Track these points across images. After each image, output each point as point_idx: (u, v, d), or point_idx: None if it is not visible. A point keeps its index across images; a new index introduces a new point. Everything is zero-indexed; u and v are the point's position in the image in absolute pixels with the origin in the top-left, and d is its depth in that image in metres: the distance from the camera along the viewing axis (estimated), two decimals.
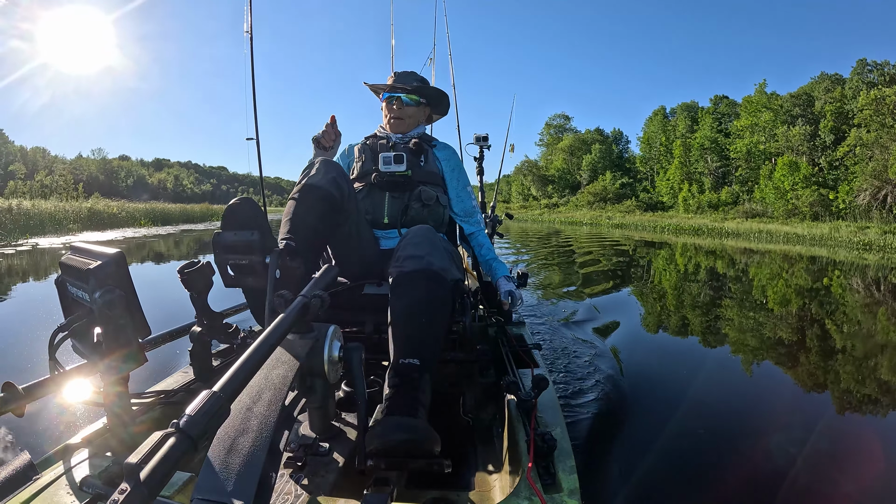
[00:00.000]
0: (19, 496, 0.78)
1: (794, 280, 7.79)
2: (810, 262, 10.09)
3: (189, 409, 0.51)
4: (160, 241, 12.92)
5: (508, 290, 1.67)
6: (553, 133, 50.30)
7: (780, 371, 3.30)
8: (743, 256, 11.44)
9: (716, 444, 2.07)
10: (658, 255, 11.67)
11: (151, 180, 56.05)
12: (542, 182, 47.56)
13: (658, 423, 2.27)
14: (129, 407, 0.99)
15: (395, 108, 1.82)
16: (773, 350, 3.71)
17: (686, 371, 3.21)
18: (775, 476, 1.80)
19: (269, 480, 0.62)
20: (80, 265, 0.86)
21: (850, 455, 2.03)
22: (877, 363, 3.44)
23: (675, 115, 36.47)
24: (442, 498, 0.95)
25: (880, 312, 5.30)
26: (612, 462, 1.85)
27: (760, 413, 2.49)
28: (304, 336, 0.84)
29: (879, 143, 18.67)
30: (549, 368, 2.84)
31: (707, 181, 30.37)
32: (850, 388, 2.88)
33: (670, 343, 3.92)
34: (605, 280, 6.97)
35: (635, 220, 25.98)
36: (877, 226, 15.49)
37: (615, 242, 14.76)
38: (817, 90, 25.71)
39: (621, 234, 19.57)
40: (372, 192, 1.72)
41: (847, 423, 2.43)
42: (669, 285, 6.87)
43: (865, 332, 4.41)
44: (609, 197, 37.38)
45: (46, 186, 32.19)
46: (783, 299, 5.96)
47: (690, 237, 17.71)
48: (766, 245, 14.16)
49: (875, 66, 23.43)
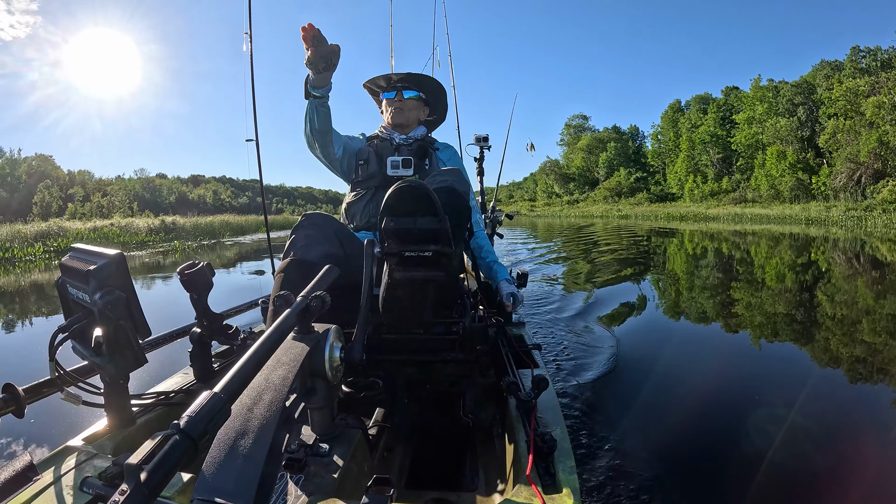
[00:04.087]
0: (19, 497, 0.78)
1: (760, 254, 9.24)
2: (775, 240, 11.33)
3: (189, 410, 0.51)
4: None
5: (510, 292, 1.68)
6: (573, 133, 52.91)
7: (771, 349, 3.49)
8: (710, 237, 12.66)
9: (716, 441, 2.07)
10: (642, 239, 12.78)
11: (192, 196, 57.50)
12: (563, 180, 50.31)
13: (659, 421, 2.27)
14: (129, 408, 0.99)
15: (396, 99, 1.84)
16: (763, 327, 3.91)
17: (686, 361, 3.25)
18: (782, 478, 1.79)
19: (269, 481, 0.62)
20: (81, 266, 0.86)
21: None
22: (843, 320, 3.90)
23: (690, 108, 37.39)
24: (442, 498, 0.95)
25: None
26: (612, 462, 1.85)
27: (764, 409, 2.49)
28: (304, 337, 0.84)
29: (854, 130, 20.29)
30: (553, 363, 2.85)
31: (710, 172, 31.90)
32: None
33: (666, 332, 3.92)
34: (603, 265, 7.49)
35: (638, 211, 28.03)
36: (843, 205, 17.53)
37: (614, 230, 16.34)
38: (818, 77, 26.24)
39: (624, 223, 21.50)
40: (377, 195, 1.73)
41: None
42: (656, 265, 7.72)
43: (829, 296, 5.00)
44: (623, 191, 39.29)
45: (103, 207, 35.84)
46: (748, 270, 6.90)
47: (679, 223, 19.55)
48: (746, 226, 15.71)
49: (868, 52, 23.80)
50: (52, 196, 35.84)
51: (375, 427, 1.15)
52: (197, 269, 1.20)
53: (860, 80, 21.38)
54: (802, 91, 26.18)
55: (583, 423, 2.17)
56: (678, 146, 35.64)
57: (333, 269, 0.93)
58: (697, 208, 25.04)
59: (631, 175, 40.79)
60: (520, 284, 2.10)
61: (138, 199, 42.87)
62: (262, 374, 0.73)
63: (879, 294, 5.08)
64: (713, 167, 31.64)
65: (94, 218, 25.88)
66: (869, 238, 10.24)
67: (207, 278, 1.23)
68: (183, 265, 1.21)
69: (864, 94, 20.19)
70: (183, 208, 44.41)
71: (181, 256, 12.59)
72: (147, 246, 16.22)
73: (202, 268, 1.21)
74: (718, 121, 32.04)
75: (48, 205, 34.65)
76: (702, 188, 31.05)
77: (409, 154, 1.76)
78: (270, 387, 0.71)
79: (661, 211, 26.35)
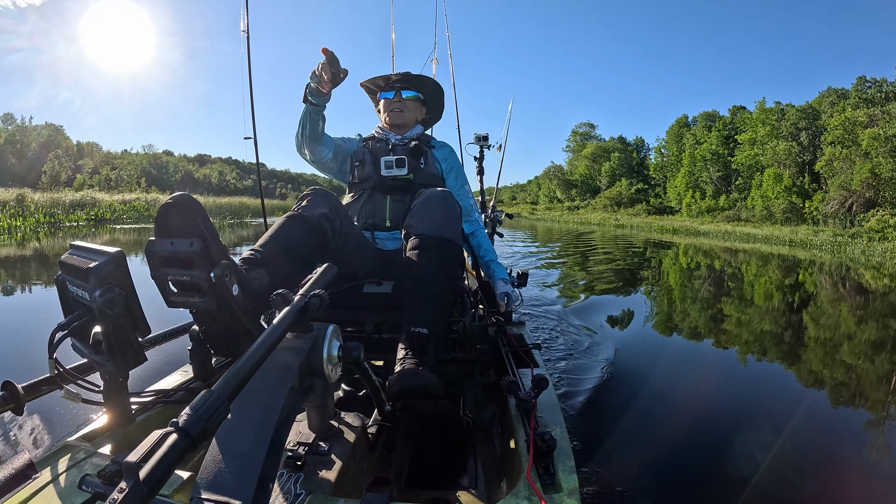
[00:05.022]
0: (19, 495, 0.78)
1: (746, 270, 9.36)
2: (761, 259, 11.66)
3: (189, 409, 0.51)
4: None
5: (505, 291, 1.68)
6: (579, 140, 54.14)
7: (756, 358, 3.54)
8: (704, 253, 13.10)
9: (716, 442, 2.07)
10: (631, 248, 13.19)
11: (198, 175, 57.07)
12: (566, 186, 51.28)
13: (659, 421, 2.27)
14: (128, 406, 0.99)
15: (394, 99, 1.83)
16: (753, 341, 3.94)
17: (682, 367, 3.28)
18: (778, 478, 1.79)
19: (268, 480, 0.62)
20: (80, 264, 0.86)
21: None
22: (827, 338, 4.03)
23: (696, 124, 38.18)
24: (441, 497, 0.95)
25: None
26: (612, 462, 1.85)
27: (761, 409, 2.49)
28: (303, 335, 0.84)
29: (849, 159, 21.04)
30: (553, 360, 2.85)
31: (709, 189, 32.79)
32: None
33: (664, 340, 3.93)
34: (599, 274, 7.53)
35: (634, 222, 28.94)
36: (830, 230, 18.29)
37: (611, 239, 16.51)
38: (824, 104, 26.77)
39: (620, 232, 21.91)
40: (373, 196, 1.73)
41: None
42: (651, 278, 7.73)
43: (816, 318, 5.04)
44: (623, 201, 40.00)
45: (111, 180, 36.13)
46: (738, 286, 7.15)
47: (672, 235, 20.44)
48: (735, 243, 16.28)
49: (874, 83, 24.17)
50: (61, 167, 35.70)
51: (375, 426, 1.15)
52: None
53: (860, 111, 21.88)
54: (807, 116, 26.65)
55: (576, 420, 2.17)
56: (680, 161, 36.43)
57: (331, 268, 0.93)
58: (692, 223, 25.97)
59: (632, 186, 41.51)
60: (519, 284, 2.10)
61: (145, 174, 42.66)
62: (260, 373, 0.72)
63: (850, 315, 5.24)
64: (712, 184, 32.51)
65: (101, 190, 26.67)
66: (852, 263, 10.80)
67: None
68: None
69: (862, 125, 20.72)
70: (188, 187, 44.33)
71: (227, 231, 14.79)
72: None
73: None
74: (721, 139, 32.73)
75: (57, 174, 34.44)
76: (699, 204, 31.88)
77: (404, 153, 1.75)
78: (269, 385, 0.71)
79: (656, 223, 27.31)
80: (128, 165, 42.06)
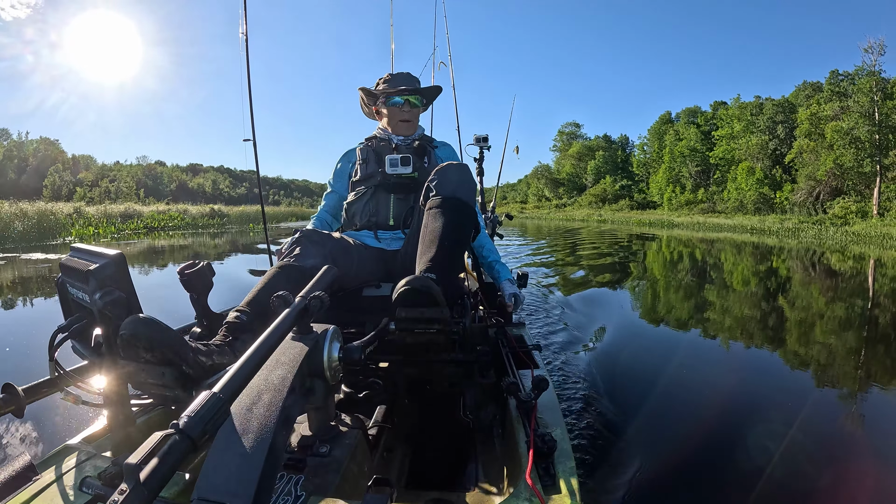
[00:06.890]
0: (19, 497, 0.78)
1: (710, 254, 10.71)
2: (709, 244, 13.08)
3: (189, 410, 0.52)
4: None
5: (513, 292, 1.68)
6: (565, 140, 55.23)
7: (742, 345, 3.71)
8: (683, 242, 14.32)
9: (716, 441, 2.07)
10: (616, 241, 14.07)
11: (192, 185, 57.71)
12: (554, 184, 52.44)
13: (659, 420, 2.27)
14: (128, 408, 0.99)
15: (405, 110, 1.82)
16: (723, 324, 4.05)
17: (664, 355, 3.39)
18: (777, 478, 1.79)
19: (268, 481, 0.62)
20: (81, 266, 0.86)
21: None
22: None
23: (679, 120, 38.88)
24: (442, 499, 0.95)
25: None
26: (612, 463, 1.84)
27: (761, 408, 2.49)
28: (303, 337, 0.84)
29: (815, 151, 22.47)
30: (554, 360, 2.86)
31: (689, 183, 33.97)
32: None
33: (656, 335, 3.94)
34: (587, 267, 8.01)
35: (616, 217, 30.72)
36: (797, 218, 19.85)
37: (597, 234, 17.47)
38: (800, 97, 27.63)
39: (603, 227, 23.17)
40: (377, 194, 1.73)
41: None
42: (634, 270, 8.25)
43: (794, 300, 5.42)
44: (608, 197, 40.95)
45: (111, 192, 37.47)
46: (698, 268, 8.18)
47: (648, 227, 21.81)
48: (707, 233, 17.59)
49: (846, 76, 24.80)
50: (62, 180, 36.31)
51: (375, 427, 1.15)
52: (197, 269, 1.20)
53: (825, 105, 23.23)
54: (783, 110, 27.57)
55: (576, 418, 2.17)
56: (661, 157, 37.37)
57: (331, 269, 0.93)
58: (668, 216, 27.43)
59: (616, 182, 42.72)
60: (520, 285, 2.10)
61: (141, 185, 43.46)
62: (260, 375, 0.73)
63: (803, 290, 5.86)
64: (692, 179, 33.58)
65: (104, 202, 28.32)
66: (810, 246, 12.18)
67: (207, 278, 1.23)
68: (183, 265, 1.20)
69: (828, 118, 22.03)
70: (183, 196, 44.99)
71: (254, 235, 17.13)
72: (210, 227, 21.92)
73: (202, 268, 1.21)
74: (700, 135, 33.72)
75: (59, 188, 35.08)
76: (679, 198, 32.92)
77: (408, 152, 1.76)
78: (269, 387, 0.71)
79: (634, 217, 28.90)
80: (126, 177, 43.43)
